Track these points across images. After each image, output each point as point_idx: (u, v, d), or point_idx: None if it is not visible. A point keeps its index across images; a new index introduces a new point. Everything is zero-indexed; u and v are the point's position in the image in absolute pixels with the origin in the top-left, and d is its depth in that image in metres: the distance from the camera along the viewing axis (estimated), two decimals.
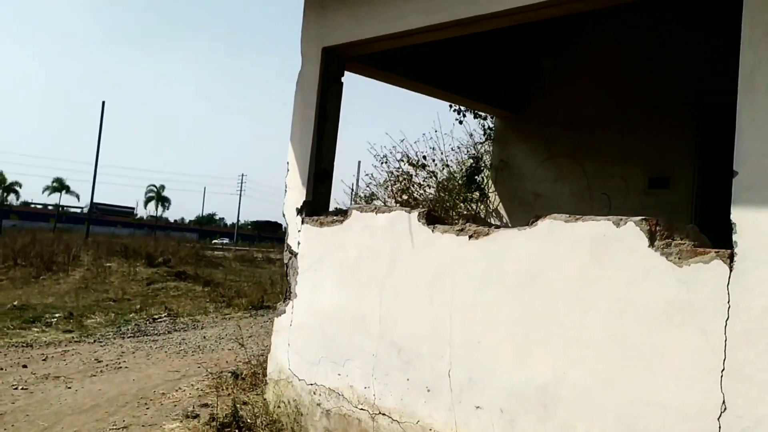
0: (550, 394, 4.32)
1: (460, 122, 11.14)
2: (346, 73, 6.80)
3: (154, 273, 20.77)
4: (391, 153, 11.07)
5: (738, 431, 3.53)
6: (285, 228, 6.53)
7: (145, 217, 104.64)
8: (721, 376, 3.63)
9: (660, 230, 4.01)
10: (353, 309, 5.70)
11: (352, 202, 10.91)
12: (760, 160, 3.63)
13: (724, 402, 3.60)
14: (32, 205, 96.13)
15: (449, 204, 10.49)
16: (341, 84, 6.57)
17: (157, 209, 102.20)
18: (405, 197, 10.57)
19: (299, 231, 6.36)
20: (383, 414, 5.33)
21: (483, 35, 6.28)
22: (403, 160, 10.88)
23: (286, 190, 6.60)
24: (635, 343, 3.97)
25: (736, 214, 3.68)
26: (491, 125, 10.44)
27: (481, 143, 10.89)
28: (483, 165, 10.39)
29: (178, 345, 11.41)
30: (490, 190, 9.71)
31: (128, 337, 11.96)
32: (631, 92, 8.18)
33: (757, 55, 3.70)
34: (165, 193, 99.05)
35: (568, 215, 4.48)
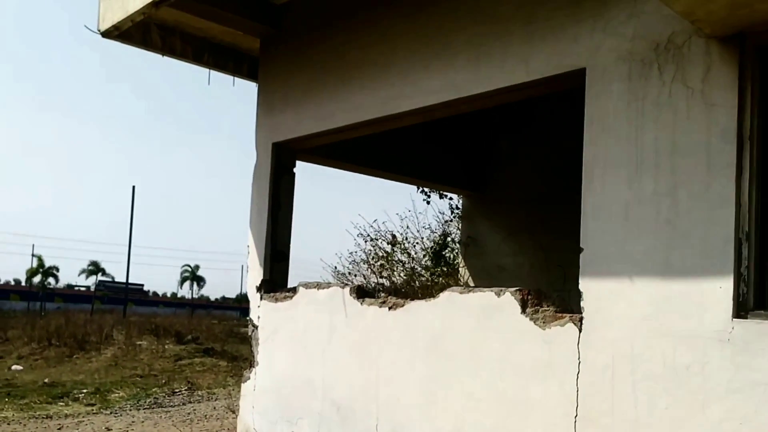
0: None
1: (427, 203, 11.77)
2: (307, 163, 7.55)
3: (183, 350, 21.07)
4: (368, 232, 11.70)
5: None
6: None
7: (186, 297, 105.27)
8: (575, 421, 4.16)
9: (531, 299, 4.58)
10: (302, 373, 6.27)
11: (333, 278, 11.53)
12: (598, 239, 4.23)
13: None
14: (76, 288, 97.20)
15: (426, 279, 11.05)
16: (293, 174, 7.25)
17: (192, 288, 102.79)
18: (386, 274, 11.16)
19: (258, 306, 6.98)
20: None
21: (442, 122, 6.89)
22: (377, 239, 11.52)
23: (248, 270, 7.24)
24: (512, 396, 4.51)
25: (583, 284, 4.26)
26: (459, 204, 11.04)
27: (449, 221, 11.50)
28: (451, 241, 10.97)
29: (186, 415, 11.88)
30: (460, 265, 10.25)
31: (144, 409, 12.42)
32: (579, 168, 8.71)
33: (593, 151, 4.33)
34: (200, 273, 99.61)
35: (462, 287, 5.07)
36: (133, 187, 54.44)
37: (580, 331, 4.19)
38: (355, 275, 11.15)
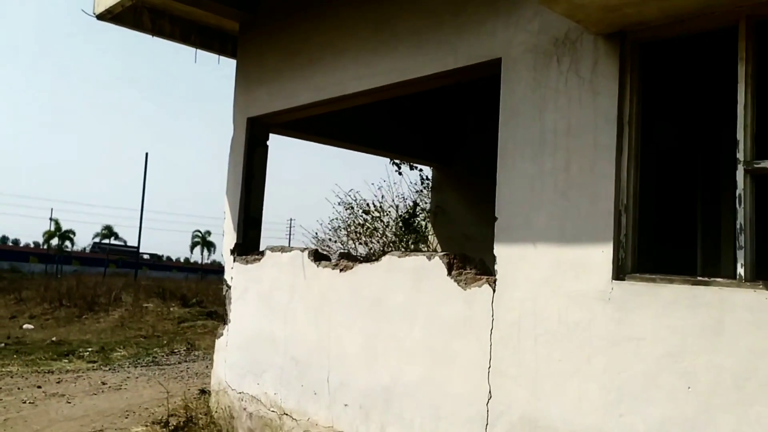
0: (389, 391, 5.36)
1: (399, 174, 12.26)
2: (282, 136, 8.04)
3: (187, 312, 21.71)
4: (345, 200, 12.22)
5: (497, 413, 4.55)
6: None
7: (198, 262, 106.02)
8: (488, 373, 4.66)
9: (456, 262, 5.07)
10: (267, 330, 6.81)
11: (314, 244, 12.06)
12: (509, 210, 4.70)
13: (490, 392, 4.63)
14: (86, 251, 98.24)
15: (396, 246, 11.57)
16: (266, 147, 7.72)
17: (202, 254, 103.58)
18: (364, 240, 11.68)
19: (232, 268, 7.51)
20: (286, 414, 6.41)
21: (412, 98, 7.29)
22: (353, 207, 12.03)
23: (223, 235, 7.77)
24: (440, 350, 5.02)
25: (497, 249, 4.74)
26: (429, 176, 11.54)
27: (420, 191, 11.99)
28: (421, 210, 11.46)
29: (179, 372, 12.50)
30: (430, 233, 10.75)
31: (141, 367, 13.02)
32: None
33: (505, 132, 4.78)
34: (210, 239, 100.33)
35: (401, 252, 5.57)
36: (146, 154, 55.09)
37: (494, 291, 4.67)
38: (335, 241, 11.68)
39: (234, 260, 7.42)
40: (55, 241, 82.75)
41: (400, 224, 11.50)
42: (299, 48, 6.78)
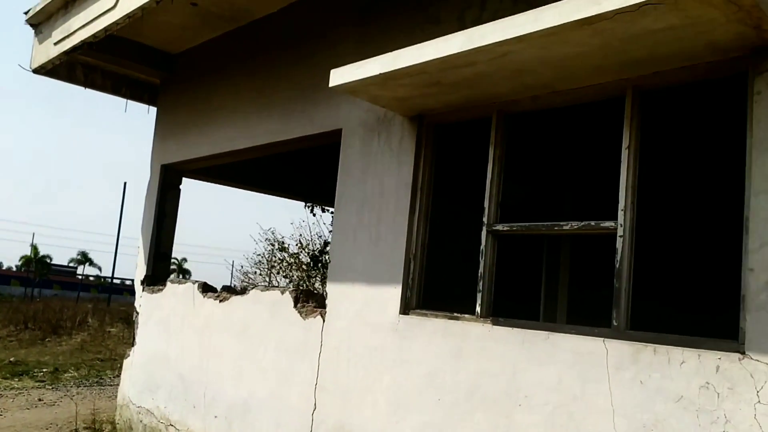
0: (247, 404, 6.21)
1: (313, 215, 13.26)
2: (196, 180, 8.96)
3: None
4: (267, 239, 13.20)
5: (318, 422, 5.40)
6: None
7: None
8: (315, 389, 5.54)
9: (301, 297, 5.97)
10: (163, 351, 7.64)
11: (233, 279, 12.92)
12: (339, 254, 5.62)
13: (315, 404, 5.50)
14: (77, 276, 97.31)
15: (310, 279, 12.51)
16: (179, 190, 8.61)
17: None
18: (284, 274, 12.60)
19: (141, 296, 8.35)
20: (172, 425, 7.21)
21: (317, 149, 8.17)
22: (274, 245, 13.00)
23: (137, 267, 8.63)
24: (285, 369, 5.88)
25: (329, 286, 5.64)
26: None
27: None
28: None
29: (114, 391, 13.13)
30: None
31: (84, 386, 13.53)
32: None
33: (341, 188, 5.72)
34: (186, 266, 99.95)
35: (264, 286, 6.47)
36: (125, 183, 55.85)
37: (324, 321, 5.56)
38: (259, 274, 12.59)
39: (143, 290, 8.26)
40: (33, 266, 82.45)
41: (309, 261, 12.43)
42: (202, 107, 7.73)
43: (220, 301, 6.82)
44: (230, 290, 6.98)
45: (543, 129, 6.48)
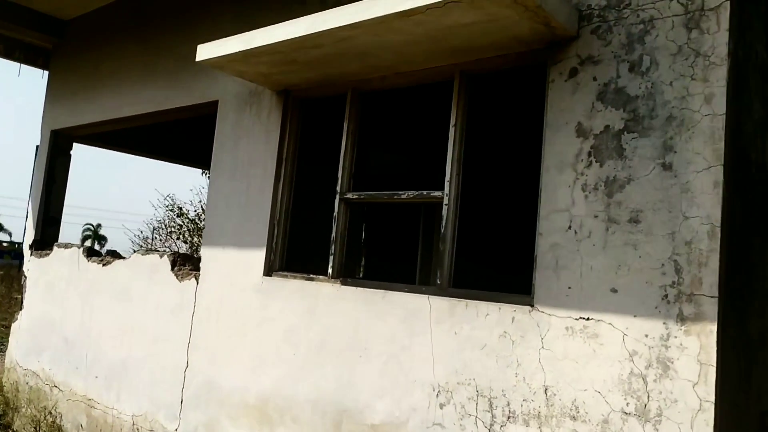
0: (126, 364, 6.55)
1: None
2: (88, 146, 9.12)
3: None
4: (166, 206, 13.41)
5: (190, 378, 5.81)
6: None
7: None
8: (188, 347, 5.92)
9: (179, 260, 6.33)
10: (48, 315, 7.87)
11: (139, 241, 13.12)
12: (212, 219, 5.99)
13: (187, 362, 5.89)
14: None
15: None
16: (69, 156, 8.77)
17: (93, 246, 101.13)
18: (182, 241, 12.85)
19: (29, 261, 8.53)
20: (56, 386, 7.49)
21: (209, 117, 8.41)
22: (173, 211, 13.23)
23: (25, 231, 8.78)
24: (163, 329, 6.24)
25: (203, 250, 6.01)
26: None
27: None
28: None
29: None
30: None
31: None
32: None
33: (216, 157, 6.09)
34: (102, 232, 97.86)
35: (145, 250, 6.79)
36: (37, 146, 53.87)
37: (198, 283, 5.95)
38: (157, 239, 12.80)
39: (31, 254, 8.44)
40: None
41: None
42: (91, 73, 7.92)
43: (104, 265, 7.11)
44: (114, 255, 7.27)
45: (412, 103, 6.98)
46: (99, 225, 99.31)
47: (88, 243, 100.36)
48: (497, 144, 8.13)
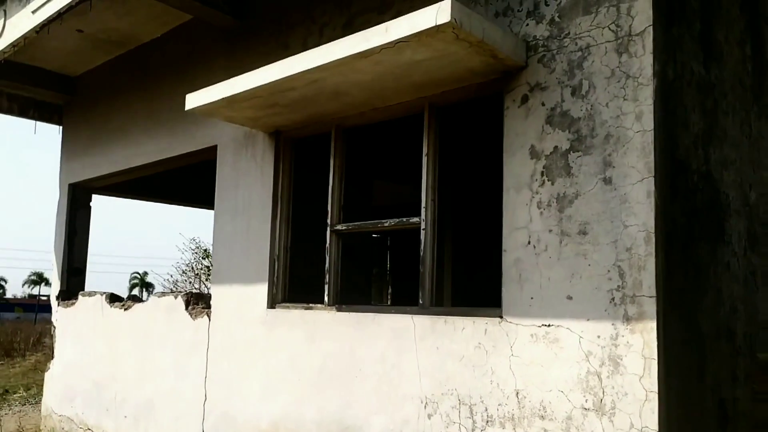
0: (151, 402, 7.03)
1: None
2: (107, 197, 9.74)
3: None
4: (190, 247, 14.00)
5: (209, 410, 6.26)
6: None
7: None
8: (205, 380, 6.38)
9: (192, 300, 6.82)
10: (78, 361, 8.41)
11: (169, 284, 13.71)
12: (219, 259, 6.47)
13: (206, 395, 6.35)
14: (39, 297, 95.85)
15: None
16: (89, 208, 9.35)
17: (141, 294, 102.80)
18: (207, 281, 13.37)
19: (56, 311, 9.11)
20: (90, 429, 8.00)
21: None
22: (197, 253, 13.81)
23: (51, 283, 9.37)
24: (181, 366, 6.71)
25: (213, 288, 6.50)
26: None
27: None
28: None
29: None
30: None
31: (29, 404, 14.07)
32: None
33: (218, 200, 6.58)
34: (149, 279, 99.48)
35: (160, 293, 7.30)
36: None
37: (210, 320, 6.42)
38: (186, 281, 13.37)
39: (58, 304, 9.01)
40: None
41: None
42: (102, 127, 8.51)
43: (125, 309, 7.62)
44: (134, 299, 7.79)
45: (405, 134, 7.41)
46: (146, 273, 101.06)
47: (136, 291, 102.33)
48: (471, 169, 8.55)
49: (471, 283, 8.23)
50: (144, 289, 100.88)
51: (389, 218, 4.98)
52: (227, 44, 6.65)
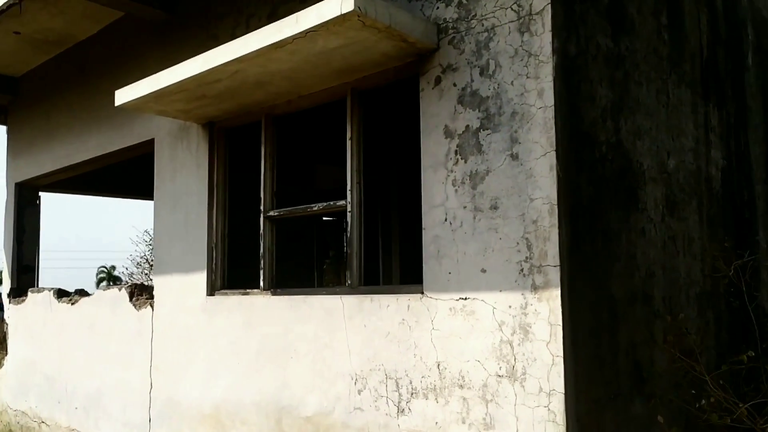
0: (100, 392, 6.93)
1: None
2: (54, 193, 9.55)
3: None
4: (145, 240, 13.84)
5: (155, 398, 6.19)
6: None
7: None
8: (151, 369, 6.31)
9: (136, 291, 6.73)
10: (30, 356, 8.26)
11: (125, 277, 13.55)
12: (160, 249, 6.39)
13: (151, 383, 6.28)
14: None
15: None
16: (37, 206, 9.18)
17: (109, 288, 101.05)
18: None
19: (8, 308, 8.93)
20: (44, 422, 7.87)
21: None
22: (150, 244, 13.63)
23: (1, 281, 9.19)
24: (127, 357, 6.62)
25: (154, 279, 6.41)
26: None
27: None
28: None
29: None
30: None
31: None
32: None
33: (157, 192, 6.49)
34: (116, 273, 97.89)
35: (105, 286, 7.20)
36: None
37: (153, 310, 6.34)
38: (142, 273, 13.21)
39: (10, 302, 8.84)
40: None
41: None
42: (44, 125, 8.34)
43: (72, 304, 7.50)
44: (82, 293, 7.67)
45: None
46: (113, 267, 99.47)
47: (104, 284, 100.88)
48: (400, 151, 8.57)
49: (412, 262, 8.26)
50: (112, 283, 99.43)
51: (335, 200, 4.91)
52: (160, 38, 6.54)
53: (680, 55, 5.04)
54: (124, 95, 5.25)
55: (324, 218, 10.76)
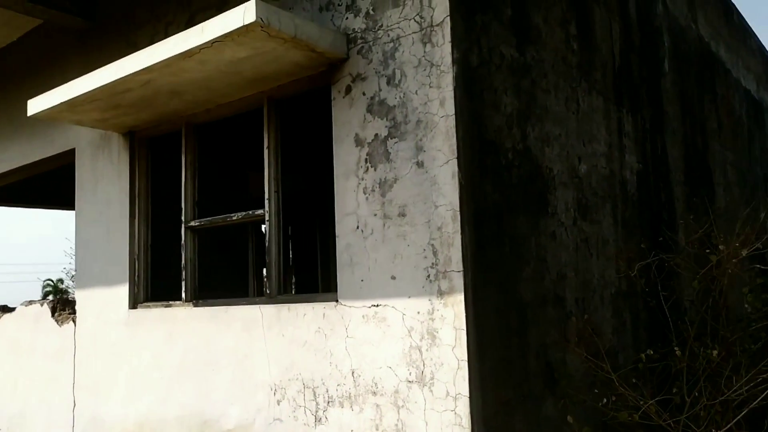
0: (23, 413, 6.93)
1: None
2: None
3: None
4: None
5: (78, 416, 6.22)
6: None
7: None
8: (74, 386, 6.35)
9: (58, 306, 6.76)
10: None
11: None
12: (83, 264, 6.44)
13: (74, 401, 6.32)
14: None
15: None
16: None
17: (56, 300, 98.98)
18: None
19: None
20: None
21: None
22: None
23: None
24: (50, 375, 6.64)
25: (77, 294, 6.45)
26: None
27: None
28: None
29: None
30: None
31: None
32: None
33: (78, 202, 6.54)
34: (64, 286, 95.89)
35: (28, 301, 7.22)
36: None
37: (75, 325, 6.38)
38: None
39: None
40: None
41: None
42: None
43: None
44: (4, 309, 7.65)
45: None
46: (60, 280, 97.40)
47: (50, 298, 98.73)
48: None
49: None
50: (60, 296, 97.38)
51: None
52: (82, 46, 6.62)
53: (591, 63, 5.31)
54: (37, 104, 5.32)
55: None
